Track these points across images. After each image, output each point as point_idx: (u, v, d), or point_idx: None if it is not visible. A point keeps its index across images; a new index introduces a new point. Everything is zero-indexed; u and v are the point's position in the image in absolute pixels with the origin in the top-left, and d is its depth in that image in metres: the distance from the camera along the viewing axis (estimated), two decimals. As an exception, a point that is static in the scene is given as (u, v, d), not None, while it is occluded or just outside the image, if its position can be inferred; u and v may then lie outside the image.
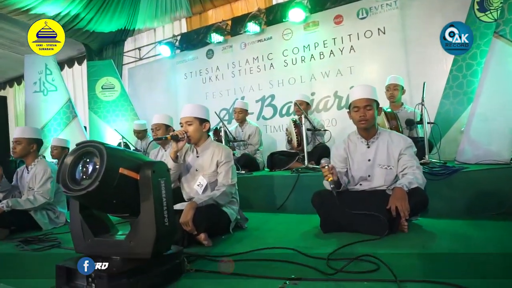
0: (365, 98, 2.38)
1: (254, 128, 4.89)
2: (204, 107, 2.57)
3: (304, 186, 3.37)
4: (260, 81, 6.05)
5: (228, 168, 2.50)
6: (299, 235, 2.35)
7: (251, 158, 4.65)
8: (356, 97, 2.41)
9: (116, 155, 1.41)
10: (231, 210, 2.48)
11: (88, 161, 1.42)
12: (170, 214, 1.50)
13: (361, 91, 2.43)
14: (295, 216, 3.03)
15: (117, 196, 1.42)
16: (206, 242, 2.17)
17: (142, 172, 1.45)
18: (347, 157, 2.54)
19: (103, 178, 1.32)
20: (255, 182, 3.74)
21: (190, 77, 6.79)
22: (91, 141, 1.42)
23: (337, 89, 5.39)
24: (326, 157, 4.26)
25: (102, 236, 1.54)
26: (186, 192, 2.60)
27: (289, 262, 1.73)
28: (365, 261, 1.64)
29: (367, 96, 2.39)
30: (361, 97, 2.39)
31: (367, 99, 2.38)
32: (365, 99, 2.38)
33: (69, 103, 6.16)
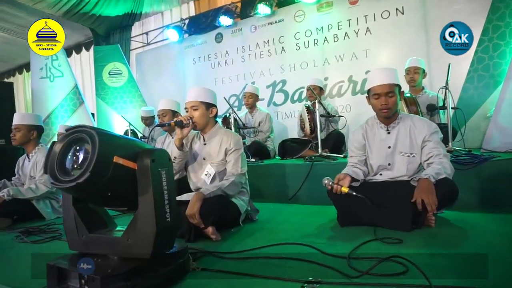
0: (387, 84, 2.14)
1: (264, 114, 4.70)
2: (211, 91, 2.38)
3: (318, 176, 3.16)
4: (271, 65, 5.82)
5: (238, 156, 2.33)
6: (314, 228, 2.18)
7: (262, 146, 4.47)
8: (377, 82, 2.17)
9: (110, 141, 1.24)
10: (241, 202, 2.31)
11: (78, 149, 1.25)
12: (172, 208, 1.33)
13: (382, 76, 2.18)
14: (308, 207, 2.85)
15: (112, 188, 1.25)
16: (214, 236, 2.01)
17: (140, 161, 1.28)
18: (366, 144, 2.34)
19: (95, 168, 1.16)
20: (266, 171, 3.57)
21: (199, 62, 6.59)
22: (82, 126, 1.25)
23: (351, 73, 5.14)
24: (339, 144, 4.13)
25: (98, 232, 1.39)
26: (193, 182, 2.44)
27: (305, 261, 1.56)
28: (391, 261, 1.46)
29: (389, 81, 2.15)
30: (382, 83, 2.15)
31: (389, 84, 2.14)
32: (387, 85, 2.14)
33: (76, 89, 6.03)
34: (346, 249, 1.67)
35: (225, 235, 2.12)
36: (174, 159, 2.28)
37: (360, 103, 4.99)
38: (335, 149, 3.93)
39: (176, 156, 2.27)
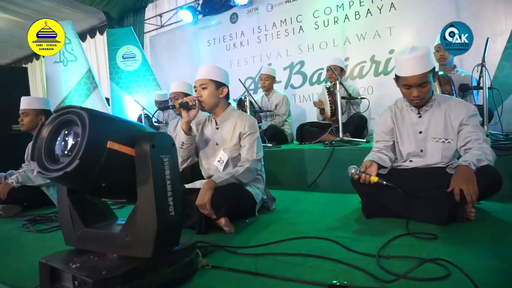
0: (420, 74, 1.84)
1: (281, 97, 4.48)
2: (222, 69, 2.19)
3: (339, 162, 2.98)
4: (288, 46, 5.55)
5: (253, 140, 2.14)
6: (336, 220, 1.99)
7: (279, 130, 4.27)
8: (408, 73, 1.87)
9: (103, 124, 1.07)
10: (256, 190, 2.14)
11: (67, 133, 1.09)
12: (177, 200, 1.16)
13: (414, 64, 1.84)
14: (329, 196, 2.65)
15: (106, 178, 1.09)
16: (227, 228, 1.85)
17: (139, 146, 1.10)
18: (394, 128, 2.11)
19: (85, 154, 0.99)
20: (283, 157, 3.37)
21: (214, 44, 6.38)
22: (71, 107, 1.08)
23: (374, 53, 4.83)
24: (361, 128, 3.88)
25: (95, 226, 1.24)
26: (204, 169, 2.28)
27: (328, 259, 1.37)
28: (431, 263, 1.26)
29: (422, 71, 1.83)
30: (414, 73, 1.85)
31: (423, 74, 1.84)
32: (420, 76, 1.84)
33: (89, 73, 5.92)
34: (374, 246, 1.47)
35: (240, 226, 1.95)
36: (182, 144, 2.12)
37: (383, 84, 4.71)
38: (356, 133, 3.70)
39: (184, 142, 2.11)
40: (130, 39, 6.43)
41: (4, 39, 8.89)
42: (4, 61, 11.07)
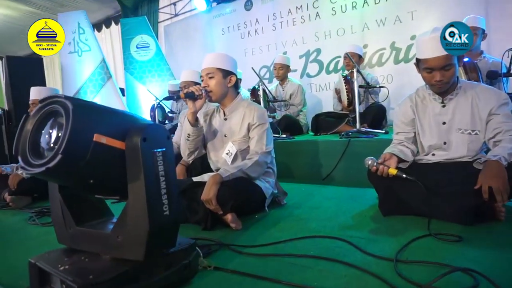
0: (442, 55, 1.69)
1: (296, 86, 4.32)
2: (229, 57, 2.07)
3: (356, 154, 2.83)
4: (304, 33, 5.36)
5: (262, 131, 2.02)
6: (350, 217, 1.86)
7: (293, 120, 4.14)
8: (429, 54, 1.72)
9: (89, 114, 0.97)
10: (266, 184, 2.02)
11: (52, 125, 1.00)
12: (172, 198, 1.06)
13: (437, 45, 1.69)
14: (344, 190, 2.52)
15: (94, 174, 1.00)
16: (234, 224, 1.75)
17: (129, 139, 1.01)
18: (415, 118, 1.95)
19: (68, 148, 0.90)
20: (297, 148, 3.24)
21: (228, 33, 6.23)
22: (56, 96, 0.99)
23: (394, 39, 4.60)
24: (380, 118, 3.70)
25: (87, 224, 1.15)
26: (213, 162, 2.18)
27: (340, 263, 1.26)
28: (454, 270, 1.12)
29: (445, 52, 1.69)
30: (436, 55, 1.69)
31: (446, 56, 1.69)
32: (443, 57, 1.69)
33: (103, 64, 5.90)
34: (392, 248, 1.35)
35: (248, 222, 1.85)
36: (188, 136, 2.02)
37: (403, 72, 4.49)
38: (375, 124, 3.52)
39: (190, 133, 2.01)
40: (144, 29, 6.36)
41: (22, 30, 8.96)
42: (23, 52, 11.23)
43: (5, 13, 7.97)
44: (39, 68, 5.90)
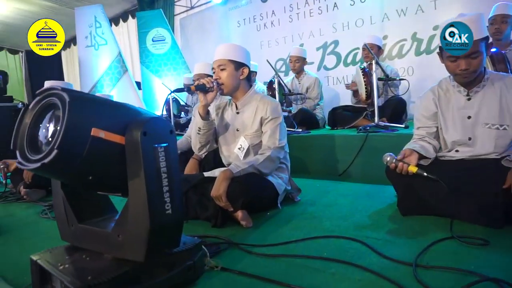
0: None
1: (313, 79, 4.21)
2: (242, 48, 1.99)
3: (374, 149, 2.72)
4: (322, 25, 5.21)
5: (275, 126, 1.95)
6: (367, 216, 1.77)
7: (310, 114, 4.04)
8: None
9: (88, 107, 0.92)
10: (278, 180, 1.95)
11: (50, 118, 0.95)
12: (175, 196, 1.00)
13: None
14: (361, 187, 2.42)
15: (92, 171, 0.95)
16: (244, 222, 1.69)
17: (129, 134, 0.95)
18: (438, 112, 1.84)
19: (63, 143, 0.85)
20: (313, 143, 3.15)
21: (244, 25, 6.15)
22: (54, 88, 0.94)
23: (416, 30, 4.41)
24: (400, 112, 3.56)
25: (89, 222, 1.11)
26: (225, 156, 2.12)
27: (355, 266, 1.18)
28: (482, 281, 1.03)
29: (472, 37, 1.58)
30: None
31: (473, 42, 1.58)
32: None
33: (120, 57, 5.91)
34: (411, 251, 1.26)
35: (259, 219, 1.79)
36: (198, 130, 1.97)
37: (425, 64, 4.31)
38: (394, 118, 3.39)
39: (201, 127, 1.95)
40: (160, 22, 6.34)
41: (42, 25, 9.11)
42: (44, 47, 11.44)
43: (26, 8, 8.09)
44: (57, 62, 5.99)
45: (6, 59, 10.92)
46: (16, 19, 8.57)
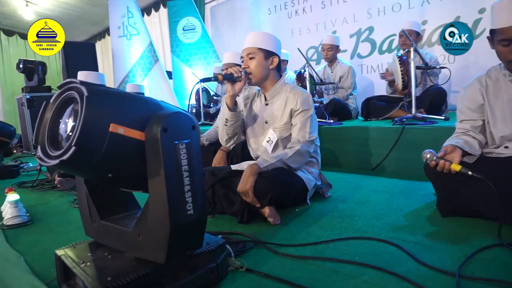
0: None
1: (346, 68, 4.04)
2: (272, 36, 1.90)
3: (410, 143, 2.57)
4: (356, 10, 4.99)
5: (306, 118, 1.85)
6: (402, 216, 1.65)
7: (342, 105, 3.89)
8: (505, 22, 1.46)
9: (106, 102, 0.88)
10: (308, 175, 1.87)
11: (69, 112, 0.92)
12: (197, 196, 0.95)
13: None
14: (396, 183, 2.29)
15: (112, 168, 0.91)
16: (272, 219, 1.62)
17: (148, 130, 0.90)
18: (485, 104, 1.68)
19: (81, 140, 0.81)
20: (345, 135, 3.02)
21: (275, 12, 6.00)
22: (72, 82, 0.91)
23: (459, 13, 4.11)
24: (440, 103, 3.34)
25: (112, 218, 1.09)
26: (253, 149, 2.06)
27: (389, 273, 1.09)
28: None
29: None
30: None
31: None
32: None
33: (151, 47, 5.96)
34: (453, 258, 1.15)
35: (287, 216, 1.72)
36: (225, 121, 1.91)
37: (468, 51, 4.01)
38: (433, 109, 3.19)
39: (228, 118, 1.89)
40: (191, 10, 6.31)
41: (78, 16, 9.37)
42: (82, 37, 11.78)
43: (63, 0, 8.34)
44: (92, 53, 6.12)
45: (46, 49, 11.39)
46: (55, 11, 8.87)
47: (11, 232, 1.74)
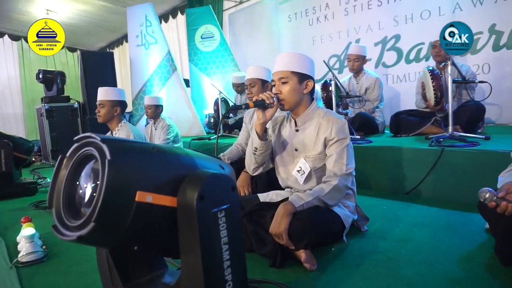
0: None
1: (373, 79, 3.84)
2: (307, 58, 1.73)
3: (449, 166, 2.38)
4: (381, 17, 4.79)
5: (342, 148, 1.68)
6: (456, 262, 1.46)
7: (369, 119, 3.70)
8: None
9: (131, 163, 0.74)
10: (345, 211, 1.70)
11: (87, 172, 0.78)
12: (238, 272, 0.80)
13: None
14: (437, 213, 2.10)
15: (137, 240, 0.77)
16: (308, 265, 1.46)
17: (181, 196, 0.76)
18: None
19: (102, 214, 0.67)
20: (376, 154, 2.84)
21: (295, 19, 5.84)
22: (91, 136, 0.77)
23: (495, 21, 3.87)
24: (476, 119, 3.10)
25: (136, 283, 0.95)
26: (282, 178, 1.90)
27: None
28: None
29: None
30: None
31: None
32: None
33: (169, 56, 5.88)
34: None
35: (323, 258, 1.55)
36: (254, 150, 1.76)
37: (505, 61, 3.80)
38: (469, 126, 2.97)
39: (257, 147, 1.74)
40: (209, 18, 6.21)
41: (97, 24, 9.42)
42: (100, 44, 11.87)
43: (82, 9, 8.37)
44: (110, 62, 6.08)
45: (66, 56, 11.52)
46: (74, 19, 8.92)
47: (26, 271, 1.63)
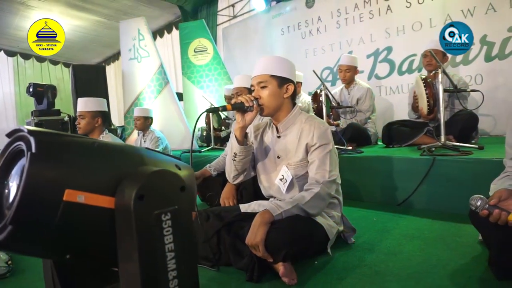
0: None
1: (364, 90, 3.78)
2: (286, 61, 1.66)
3: (442, 176, 2.28)
4: (373, 30, 4.78)
5: (324, 154, 1.59)
6: (447, 276, 1.35)
7: (361, 130, 3.62)
8: None
9: (61, 159, 0.64)
10: (329, 221, 1.60)
11: (18, 171, 0.69)
12: (187, 285, 0.70)
13: None
14: (428, 225, 1.99)
15: (68, 247, 0.67)
16: (286, 279, 1.35)
17: (119, 196, 0.66)
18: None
19: (19, 216, 0.58)
20: (367, 165, 2.74)
21: (288, 33, 5.85)
22: (20, 130, 0.68)
23: (486, 32, 3.85)
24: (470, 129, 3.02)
25: (81, 299, 0.84)
26: (264, 187, 1.80)
27: None
28: None
29: None
30: None
31: None
32: None
33: (161, 69, 5.83)
34: None
35: (305, 272, 1.44)
36: (234, 156, 1.67)
37: (497, 72, 3.75)
38: (463, 136, 2.89)
39: (237, 152, 1.65)
40: (202, 32, 6.20)
41: (92, 39, 9.44)
42: (96, 60, 11.89)
43: (77, 24, 8.41)
44: (102, 75, 6.03)
45: (62, 71, 11.53)
46: (69, 34, 8.93)
47: (-15, 287, 1.51)
